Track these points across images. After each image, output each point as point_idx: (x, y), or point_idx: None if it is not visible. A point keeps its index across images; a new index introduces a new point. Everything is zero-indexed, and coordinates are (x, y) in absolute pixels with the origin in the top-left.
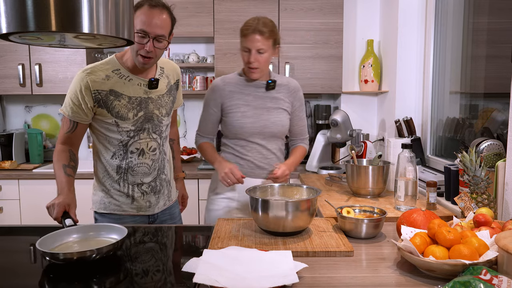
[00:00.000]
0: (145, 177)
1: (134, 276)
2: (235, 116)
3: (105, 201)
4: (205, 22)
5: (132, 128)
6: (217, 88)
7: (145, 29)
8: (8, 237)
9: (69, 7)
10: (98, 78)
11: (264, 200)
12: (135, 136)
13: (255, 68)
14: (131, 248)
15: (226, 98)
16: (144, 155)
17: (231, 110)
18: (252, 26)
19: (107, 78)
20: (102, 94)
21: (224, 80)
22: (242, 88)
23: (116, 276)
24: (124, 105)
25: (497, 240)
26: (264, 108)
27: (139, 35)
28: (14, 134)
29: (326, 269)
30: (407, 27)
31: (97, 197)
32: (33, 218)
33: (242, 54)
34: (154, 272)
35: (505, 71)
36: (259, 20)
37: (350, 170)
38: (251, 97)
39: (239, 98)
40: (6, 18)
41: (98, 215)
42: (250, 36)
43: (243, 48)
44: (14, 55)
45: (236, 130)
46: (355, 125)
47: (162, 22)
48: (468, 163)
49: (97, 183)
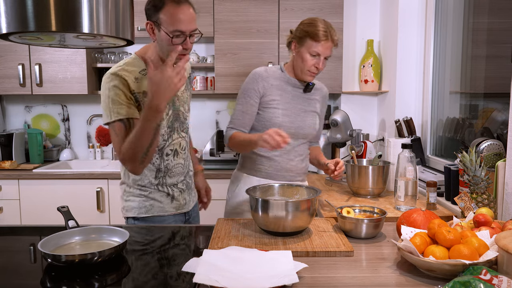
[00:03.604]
0: (181, 176)
1: (134, 276)
2: (275, 112)
3: (145, 205)
4: (205, 22)
5: (166, 129)
6: (261, 77)
7: (180, 28)
8: (8, 237)
9: (69, 7)
10: (130, 80)
11: (264, 200)
12: (168, 139)
13: (316, 73)
14: (132, 248)
15: (268, 90)
16: (178, 155)
17: (271, 105)
18: (327, 32)
19: (136, 80)
20: (139, 96)
21: (267, 71)
22: (283, 85)
23: (116, 276)
24: None
25: (497, 240)
26: (301, 109)
27: (175, 35)
28: (14, 134)
29: (326, 269)
30: (407, 27)
31: (134, 203)
32: (33, 218)
33: (305, 58)
34: (154, 272)
35: (505, 71)
36: (329, 25)
37: (350, 170)
38: (290, 96)
39: (280, 94)
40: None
41: (139, 221)
42: (325, 43)
43: (311, 52)
44: (14, 55)
45: (272, 127)
46: (355, 125)
47: (193, 16)
48: (468, 163)
49: (131, 189)
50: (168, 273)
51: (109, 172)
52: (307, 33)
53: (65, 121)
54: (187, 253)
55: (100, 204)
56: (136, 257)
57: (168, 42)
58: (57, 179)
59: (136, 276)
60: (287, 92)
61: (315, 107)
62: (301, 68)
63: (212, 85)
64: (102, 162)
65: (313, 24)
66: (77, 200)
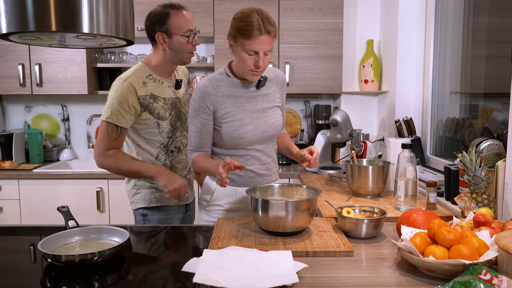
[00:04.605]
0: (184, 171)
1: (135, 276)
2: (233, 126)
3: (155, 196)
4: (205, 22)
5: (169, 128)
6: (207, 93)
7: (190, 28)
8: (8, 237)
9: (69, 7)
10: (138, 85)
11: (264, 200)
12: (172, 136)
13: (260, 71)
14: (132, 248)
15: (218, 104)
16: (181, 152)
17: (226, 119)
18: (260, 26)
19: (144, 84)
20: (145, 99)
21: (213, 83)
22: (234, 90)
23: (116, 276)
24: (161, 106)
25: (497, 240)
26: (260, 110)
27: (186, 35)
28: (14, 134)
29: (326, 269)
30: (407, 27)
31: (142, 195)
32: (33, 218)
33: (243, 57)
34: (154, 272)
35: (505, 71)
36: (261, 15)
37: (350, 170)
38: (243, 100)
39: (233, 103)
40: (6, 18)
41: (148, 210)
42: (257, 38)
43: (247, 51)
44: (14, 55)
45: (235, 141)
46: (355, 125)
47: (192, 17)
48: (468, 163)
49: (141, 182)
50: (168, 273)
51: (109, 172)
52: (238, 30)
53: (65, 121)
54: (187, 253)
55: (100, 204)
56: (136, 257)
57: (184, 43)
58: (57, 179)
59: (136, 276)
60: (240, 97)
61: (274, 101)
62: (242, 69)
63: None
64: None
65: (244, 19)
66: (77, 200)
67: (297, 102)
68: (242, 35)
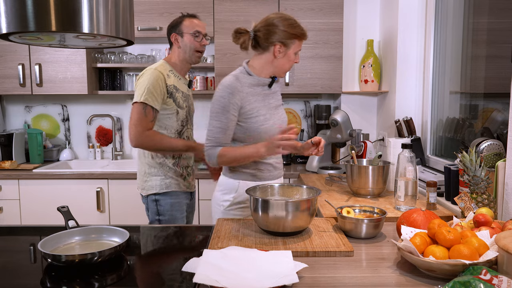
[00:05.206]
0: (190, 160)
1: (134, 276)
2: (258, 121)
3: (166, 182)
4: (205, 22)
5: (184, 117)
6: (236, 90)
7: (198, 29)
8: (8, 237)
9: (69, 7)
10: (166, 75)
11: (264, 200)
12: (185, 125)
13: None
14: (132, 248)
15: (245, 101)
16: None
17: (252, 115)
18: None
19: (167, 76)
20: (170, 88)
21: (240, 80)
22: (255, 89)
23: (116, 276)
24: (180, 97)
25: (497, 240)
26: (273, 106)
27: (195, 35)
28: (14, 134)
29: (326, 269)
30: (407, 27)
31: (154, 182)
32: (33, 218)
33: (291, 58)
34: (154, 272)
35: (505, 71)
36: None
37: (350, 170)
38: (261, 97)
39: (256, 100)
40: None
41: (160, 196)
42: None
43: (296, 52)
44: (14, 55)
45: (260, 136)
46: (355, 125)
47: (204, 24)
48: (468, 163)
49: (152, 170)
50: (168, 273)
51: (109, 172)
52: (296, 35)
53: (65, 121)
54: (187, 253)
55: (100, 204)
56: (136, 257)
57: (192, 41)
58: (57, 179)
59: (136, 276)
60: (259, 95)
61: (280, 99)
62: (285, 69)
63: (212, 85)
64: (102, 162)
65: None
66: (77, 200)
67: (297, 102)
68: (300, 39)
